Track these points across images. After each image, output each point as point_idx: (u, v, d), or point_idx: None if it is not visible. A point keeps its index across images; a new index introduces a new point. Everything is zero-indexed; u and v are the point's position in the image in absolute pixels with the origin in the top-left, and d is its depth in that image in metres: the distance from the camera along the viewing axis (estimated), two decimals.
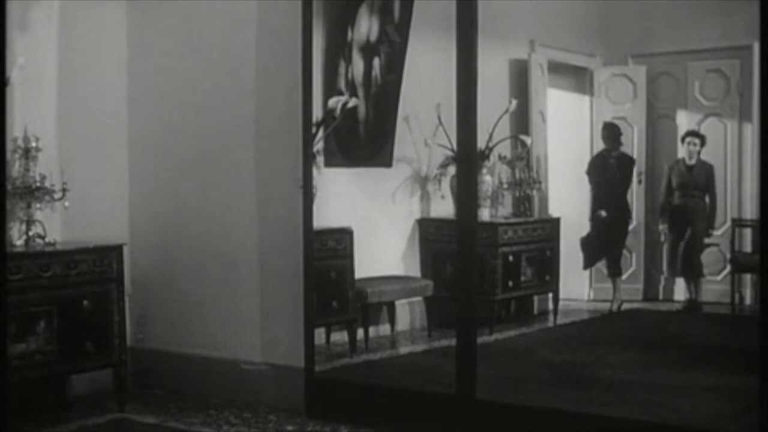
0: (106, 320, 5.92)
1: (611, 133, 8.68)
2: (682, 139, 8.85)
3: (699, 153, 8.79)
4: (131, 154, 6.77)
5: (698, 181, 8.78)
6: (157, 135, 6.69)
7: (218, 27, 6.37)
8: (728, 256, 8.72)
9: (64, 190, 5.97)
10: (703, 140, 8.81)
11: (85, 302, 5.80)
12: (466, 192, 5.25)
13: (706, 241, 8.83)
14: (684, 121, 9.25)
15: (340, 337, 7.01)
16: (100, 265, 5.91)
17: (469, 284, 5.29)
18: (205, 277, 6.41)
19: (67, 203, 5.99)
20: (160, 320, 6.65)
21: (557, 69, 9.29)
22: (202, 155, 6.45)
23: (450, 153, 7.13)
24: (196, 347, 6.42)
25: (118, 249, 6.01)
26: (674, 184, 8.83)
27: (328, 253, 6.64)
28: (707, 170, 8.83)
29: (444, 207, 7.97)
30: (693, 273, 8.74)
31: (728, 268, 8.84)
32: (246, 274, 6.20)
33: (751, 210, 8.37)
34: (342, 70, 7.41)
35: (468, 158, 5.25)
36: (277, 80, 6.04)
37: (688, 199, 8.81)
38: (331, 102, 6.85)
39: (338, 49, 7.36)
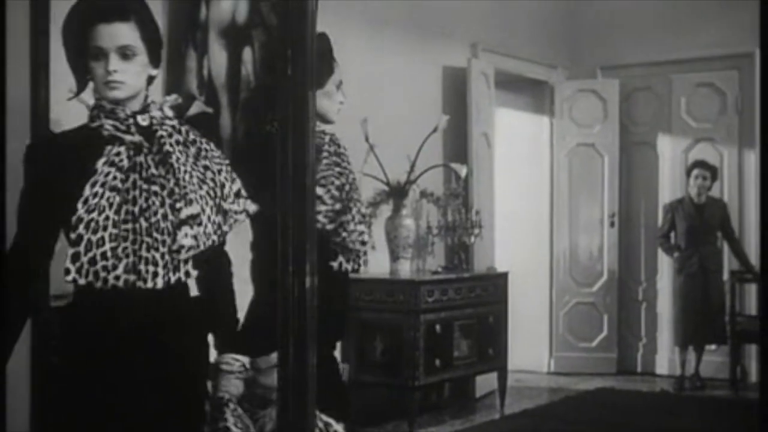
0: None
1: None
2: (688, 172, 7.92)
3: (709, 189, 7.76)
4: None
5: (711, 224, 7.76)
6: None
7: None
8: (726, 319, 7.61)
9: None
10: (714, 173, 7.78)
11: None
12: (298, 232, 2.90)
13: None
14: (667, 148, 8.46)
15: None
16: None
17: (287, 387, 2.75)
18: None
19: None
20: None
21: (508, 82, 8.33)
22: None
23: (384, 187, 6.23)
24: None
25: None
26: (680, 229, 7.80)
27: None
28: (721, 209, 7.86)
29: (375, 260, 5.88)
30: (713, 340, 7.70)
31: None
32: None
33: (755, 259, 7.35)
34: (192, 63, 5.51)
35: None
36: None
37: (701, 246, 7.67)
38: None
39: (186, 32, 5.47)
